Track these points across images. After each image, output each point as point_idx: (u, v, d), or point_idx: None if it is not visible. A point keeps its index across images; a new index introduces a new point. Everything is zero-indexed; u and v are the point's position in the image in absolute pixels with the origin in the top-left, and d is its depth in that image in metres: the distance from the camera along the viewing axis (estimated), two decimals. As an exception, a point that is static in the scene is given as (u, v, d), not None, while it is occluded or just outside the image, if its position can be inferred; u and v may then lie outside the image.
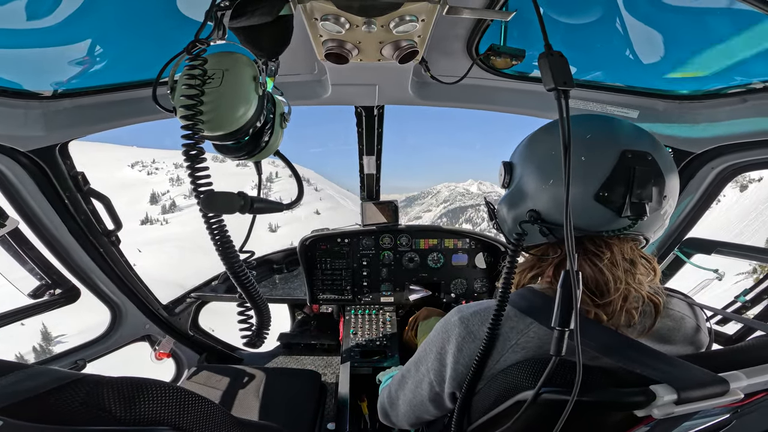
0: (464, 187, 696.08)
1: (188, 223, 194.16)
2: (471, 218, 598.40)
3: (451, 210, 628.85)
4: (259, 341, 1.20)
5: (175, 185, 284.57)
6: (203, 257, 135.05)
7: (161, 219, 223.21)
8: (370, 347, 2.49)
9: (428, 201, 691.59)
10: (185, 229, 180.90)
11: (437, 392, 1.02)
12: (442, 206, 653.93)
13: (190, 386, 2.23)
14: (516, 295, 0.93)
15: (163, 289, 2.65)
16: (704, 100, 1.52)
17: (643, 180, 0.78)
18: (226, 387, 2.22)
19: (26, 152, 1.53)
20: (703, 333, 0.95)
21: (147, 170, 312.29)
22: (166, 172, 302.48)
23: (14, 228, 1.63)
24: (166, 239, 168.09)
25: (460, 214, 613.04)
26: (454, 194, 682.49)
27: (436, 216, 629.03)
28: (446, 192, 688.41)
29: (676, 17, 1.24)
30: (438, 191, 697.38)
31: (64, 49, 1.28)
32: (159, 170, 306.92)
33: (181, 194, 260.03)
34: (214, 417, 0.88)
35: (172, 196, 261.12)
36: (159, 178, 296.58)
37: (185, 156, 0.80)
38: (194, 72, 0.81)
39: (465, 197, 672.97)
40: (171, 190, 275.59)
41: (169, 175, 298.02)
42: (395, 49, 1.21)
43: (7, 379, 0.70)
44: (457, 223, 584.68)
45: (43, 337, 73.83)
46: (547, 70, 0.72)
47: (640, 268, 0.88)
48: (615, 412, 0.75)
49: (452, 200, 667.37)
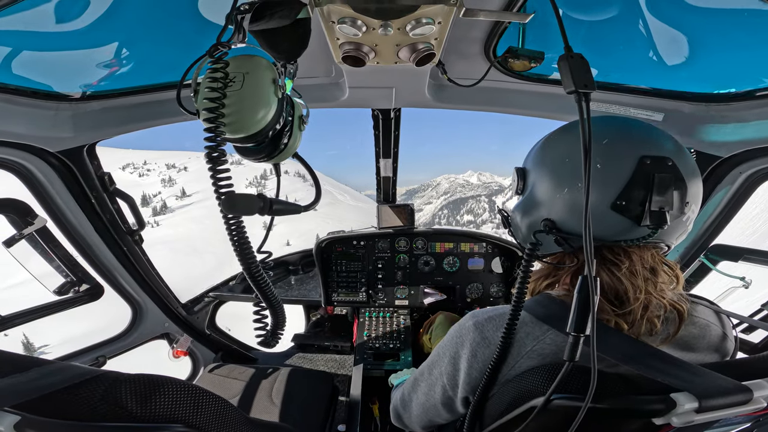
0: (464, 179, 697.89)
1: (180, 225, 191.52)
2: (472, 209, 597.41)
3: (452, 202, 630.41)
4: (273, 341, 1.21)
5: (166, 186, 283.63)
6: (197, 260, 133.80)
7: (152, 222, 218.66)
8: (383, 350, 2.49)
9: (428, 193, 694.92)
10: (177, 231, 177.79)
11: (450, 396, 1.02)
12: (443, 198, 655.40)
13: (206, 384, 2.27)
14: (532, 301, 0.92)
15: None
16: (732, 103, 1.47)
17: (663, 187, 0.75)
18: (240, 386, 2.25)
19: (55, 153, 1.59)
20: (729, 341, 0.91)
21: (138, 172, 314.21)
22: (158, 173, 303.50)
23: (42, 226, 1.69)
24: (158, 242, 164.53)
25: (461, 205, 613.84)
26: (454, 186, 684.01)
27: (437, 208, 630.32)
28: (446, 184, 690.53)
29: (700, 18, 1.21)
30: (438, 183, 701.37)
31: (91, 52, 1.33)
32: (150, 172, 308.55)
33: (172, 195, 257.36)
34: (226, 415, 0.90)
35: (163, 198, 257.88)
36: (151, 180, 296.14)
37: (207, 158, 0.82)
38: (216, 75, 0.83)
39: (465, 188, 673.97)
40: (163, 191, 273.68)
41: (161, 176, 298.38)
42: (412, 51, 1.20)
43: (29, 374, 0.72)
44: (458, 215, 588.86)
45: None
46: (567, 72, 0.70)
47: (661, 276, 0.85)
48: (633, 419, 0.74)
49: (452, 192, 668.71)
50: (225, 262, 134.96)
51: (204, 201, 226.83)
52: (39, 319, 1.84)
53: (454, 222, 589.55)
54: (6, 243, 1.62)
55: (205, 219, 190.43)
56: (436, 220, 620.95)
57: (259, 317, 1.17)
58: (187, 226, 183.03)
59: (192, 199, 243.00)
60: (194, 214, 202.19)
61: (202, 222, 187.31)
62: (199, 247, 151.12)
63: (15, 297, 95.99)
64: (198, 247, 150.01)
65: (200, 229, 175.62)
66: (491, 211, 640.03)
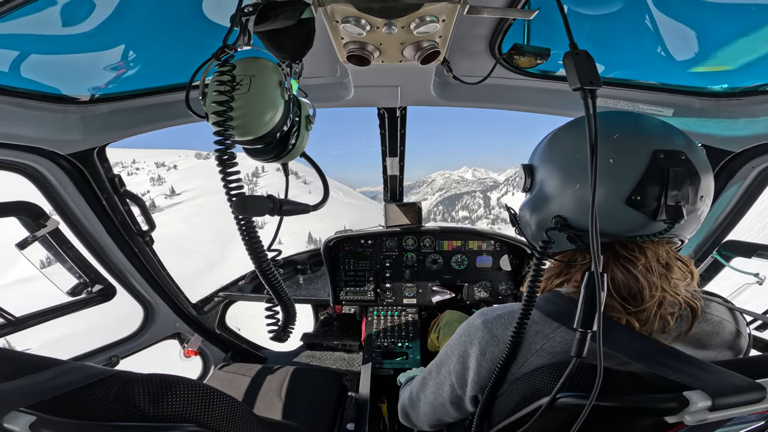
0: (459, 175, 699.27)
1: (169, 224, 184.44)
2: (467, 205, 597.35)
3: (447, 198, 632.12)
4: (285, 336, 1.23)
5: (155, 185, 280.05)
6: (185, 260, 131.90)
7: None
8: (391, 348, 2.50)
9: (424, 190, 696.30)
10: (166, 231, 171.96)
11: (459, 395, 1.02)
12: (438, 194, 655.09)
13: (216, 384, 2.29)
14: (542, 299, 0.91)
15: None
16: (743, 97, 1.44)
17: (679, 181, 0.74)
18: (249, 385, 2.27)
19: (66, 155, 1.61)
20: (743, 338, 0.90)
21: (127, 171, 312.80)
22: (147, 171, 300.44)
23: (55, 228, 1.71)
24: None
25: (456, 201, 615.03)
26: (449, 182, 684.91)
27: (432, 204, 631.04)
28: (441, 180, 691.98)
29: (709, 12, 1.19)
30: (433, 179, 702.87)
31: (99, 55, 1.34)
32: (139, 170, 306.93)
33: (161, 194, 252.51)
34: (237, 414, 0.90)
35: (152, 197, 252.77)
36: (140, 179, 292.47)
37: (218, 161, 0.83)
38: (224, 78, 0.84)
39: (460, 184, 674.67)
40: (151, 190, 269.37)
41: (150, 174, 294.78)
42: (416, 50, 1.20)
43: (44, 375, 0.74)
44: (453, 211, 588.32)
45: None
46: (573, 69, 0.70)
47: (676, 271, 0.84)
48: (645, 418, 0.73)
49: (447, 188, 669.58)
50: (215, 261, 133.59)
51: (193, 200, 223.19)
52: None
53: (450, 218, 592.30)
54: (20, 245, 1.65)
55: (194, 218, 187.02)
56: (431, 216, 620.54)
57: (271, 313, 1.19)
58: (176, 225, 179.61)
59: (181, 197, 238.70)
60: (183, 213, 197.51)
61: (191, 221, 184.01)
62: (188, 247, 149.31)
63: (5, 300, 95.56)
64: (187, 246, 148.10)
65: (189, 228, 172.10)
66: (486, 207, 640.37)
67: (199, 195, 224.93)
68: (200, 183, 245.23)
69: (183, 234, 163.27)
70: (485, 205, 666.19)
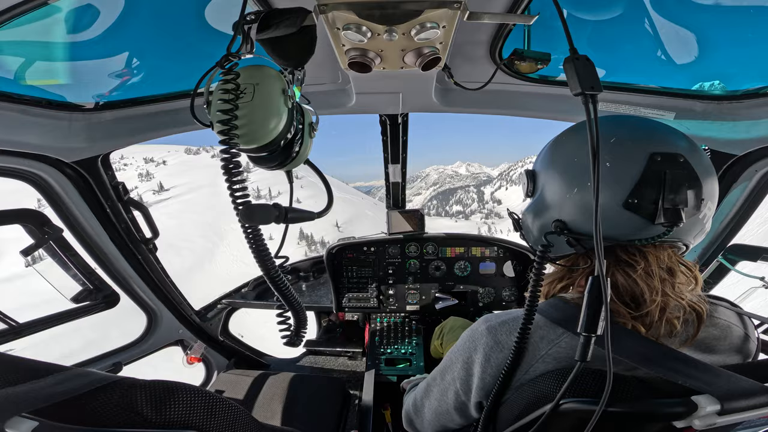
0: (453, 170, 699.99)
1: (158, 221, 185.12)
2: (461, 200, 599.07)
3: (441, 192, 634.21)
4: (298, 340, 1.23)
5: (144, 180, 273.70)
6: (174, 257, 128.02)
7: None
8: (395, 355, 2.49)
9: (417, 185, 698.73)
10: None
11: (463, 401, 1.01)
12: (432, 189, 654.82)
13: (219, 390, 2.28)
14: (546, 304, 0.90)
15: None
16: (744, 100, 1.44)
17: (676, 184, 0.74)
18: (252, 392, 2.25)
19: (70, 163, 1.62)
20: (751, 342, 0.89)
21: (115, 167, 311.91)
22: (135, 167, 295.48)
23: (59, 235, 1.73)
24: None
25: (450, 196, 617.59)
26: (443, 177, 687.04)
27: (426, 199, 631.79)
28: (435, 175, 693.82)
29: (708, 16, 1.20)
30: (427, 174, 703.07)
31: (103, 62, 1.36)
32: (127, 166, 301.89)
33: (149, 190, 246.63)
34: (239, 421, 0.90)
35: (139, 193, 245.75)
36: (128, 175, 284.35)
37: (224, 170, 0.84)
38: (228, 87, 0.84)
39: (454, 179, 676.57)
40: (139, 186, 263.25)
41: (138, 170, 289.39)
42: (417, 56, 1.21)
43: (47, 381, 0.73)
44: (447, 205, 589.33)
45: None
46: (573, 74, 0.70)
47: (679, 276, 0.83)
48: (653, 423, 0.72)
49: (441, 183, 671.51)
50: (204, 258, 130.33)
51: (182, 195, 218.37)
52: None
53: (444, 212, 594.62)
54: (24, 252, 1.66)
55: (182, 214, 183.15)
56: (425, 210, 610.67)
57: (282, 319, 1.20)
58: (164, 222, 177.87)
59: (169, 193, 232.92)
60: (171, 209, 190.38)
61: (179, 217, 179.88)
62: (176, 243, 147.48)
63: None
64: (175, 243, 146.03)
65: (177, 225, 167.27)
66: (480, 201, 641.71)
67: (189, 191, 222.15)
68: (189, 179, 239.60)
69: (171, 230, 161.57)
70: (479, 200, 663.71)
